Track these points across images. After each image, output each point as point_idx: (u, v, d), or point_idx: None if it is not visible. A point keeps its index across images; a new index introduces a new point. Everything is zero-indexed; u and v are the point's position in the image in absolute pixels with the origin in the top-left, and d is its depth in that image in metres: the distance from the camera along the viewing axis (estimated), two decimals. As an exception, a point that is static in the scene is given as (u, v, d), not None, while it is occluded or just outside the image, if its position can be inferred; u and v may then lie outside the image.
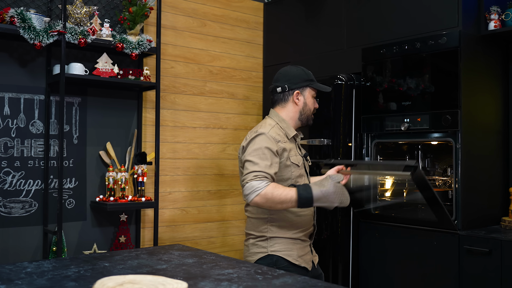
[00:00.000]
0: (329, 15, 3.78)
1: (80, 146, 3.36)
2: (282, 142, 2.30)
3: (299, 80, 2.40)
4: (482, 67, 3.07)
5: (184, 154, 3.86)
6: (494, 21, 2.99)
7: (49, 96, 3.24)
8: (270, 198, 2.14)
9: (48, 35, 2.99)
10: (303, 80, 2.40)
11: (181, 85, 3.87)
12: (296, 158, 2.35)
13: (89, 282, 1.57)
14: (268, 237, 2.32)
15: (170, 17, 3.81)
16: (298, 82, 2.39)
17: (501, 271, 2.64)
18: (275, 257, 2.29)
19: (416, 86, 3.07)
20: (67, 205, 3.29)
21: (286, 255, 2.30)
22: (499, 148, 3.17)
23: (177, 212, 3.81)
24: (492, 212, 3.10)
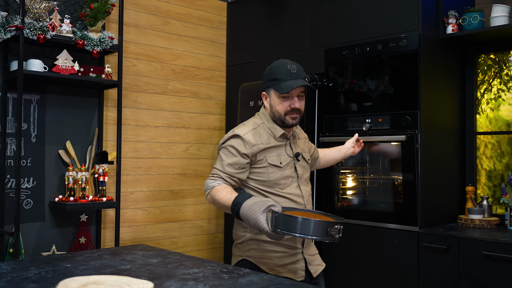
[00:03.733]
0: (292, 16, 3.81)
1: (38, 145, 3.27)
2: (264, 144, 2.19)
3: (265, 80, 2.25)
4: (441, 69, 3.16)
5: (146, 153, 3.81)
6: (452, 25, 3.08)
7: (6, 93, 3.14)
8: (214, 200, 2.10)
9: (6, 30, 2.90)
10: (267, 80, 2.23)
11: (144, 83, 3.82)
12: (276, 158, 2.21)
13: (51, 283, 1.53)
14: (245, 240, 2.22)
15: (132, 14, 3.76)
16: (264, 82, 2.26)
17: (458, 266, 2.73)
18: (249, 264, 2.19)
19: (377, 87, 3.14)
20: (24, 206, 3.19)
21: (261, 263, 2.20)
22: (456, 149, 3.27)
23: (139, 212, 3.76)
24: (449, 210, 3.19)
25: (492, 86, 3.28)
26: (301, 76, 2.17)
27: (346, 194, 3.41)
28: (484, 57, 3.31)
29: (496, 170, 3.25)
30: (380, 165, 3.21)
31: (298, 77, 2.16)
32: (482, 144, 3.31)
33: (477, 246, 2.67)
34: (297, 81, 2.14)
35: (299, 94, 2.20)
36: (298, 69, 2.18)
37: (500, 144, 3.24)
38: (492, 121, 3.28)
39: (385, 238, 3.04)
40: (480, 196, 3.23)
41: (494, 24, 2.97)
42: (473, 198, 3.13)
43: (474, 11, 3.06)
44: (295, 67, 2.18)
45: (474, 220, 2.99)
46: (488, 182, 3.28)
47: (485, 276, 2.63)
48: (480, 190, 3.31)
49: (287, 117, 2.19)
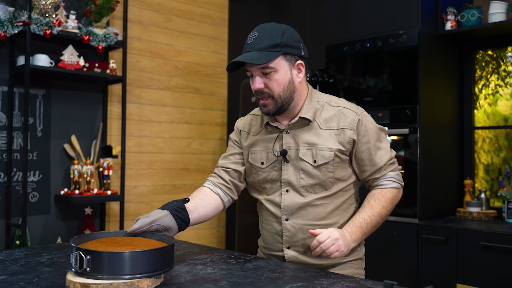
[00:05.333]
0: (293, 13, 3.87)
1: (44, 139, 3.32)
2: (251, 135, 1.85)
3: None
4: (440, 64, 3.22)
5: (149, 148, 3.87)
6: (450, 21, 3.14)
7: (13, 87, 3.19)
8: None
9: (13, 25, 2.95)
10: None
11: (147, 79, 3.87)
12: (259, 156, 1.81)
13: (64, 267, 1.58)
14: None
15: (136, 11, 3.81)
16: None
17: (457, 257, 2.79)
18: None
19: (377, 82, 3.20)
20: (30, 199, 3.25)
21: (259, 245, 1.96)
22: (454, 143, 3.33)
23: (143, 206, 3.81)
24: (448, 203, 3.26)
25: (490, 81, 3.34)
26: (255, 48, 1.62)
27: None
28: (482, 53, 3.37)
29: (494, 164, 3.31)
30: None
31: (251, 49, 1.63)
32: (480, 138, 3.37)
33: (475, 237, 2.73)
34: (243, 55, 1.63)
35: (263, 71, 1.64)
36: (257, 38, 1.63)
37: (497, 139, 3.31)
38: (490, 116, 3.34)
39: (386, 230, 3.10)
40: (478, 190, 3.30)
41: (491, 20, 3.03)
42: (471, 191, 3.19)
43: (472, 7, 3.12)
44: (255, 34, 1.64)
45: (472, 213, 3.05)
46: (486, 176, 3.35)
47: (483, 266, 2.69)
48: (478, 184, 3.37)
49: (259, 104, 1.71)
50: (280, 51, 1.62)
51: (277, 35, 1.62)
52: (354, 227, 1.67)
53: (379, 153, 1.75)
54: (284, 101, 1.68)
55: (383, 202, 1.73)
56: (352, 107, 1.75)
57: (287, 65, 1.66)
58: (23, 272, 1.50)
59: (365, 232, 1.69)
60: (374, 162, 1.75)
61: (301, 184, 1.73)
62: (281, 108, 1.69)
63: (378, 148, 1.75)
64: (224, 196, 1.86)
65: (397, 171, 1.80)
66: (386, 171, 1.76)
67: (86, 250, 1.28)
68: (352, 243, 1.65)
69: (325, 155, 1.70)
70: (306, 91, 1.76)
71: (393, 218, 3.08)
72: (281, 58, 1.64)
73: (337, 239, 1.59)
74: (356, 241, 1.67)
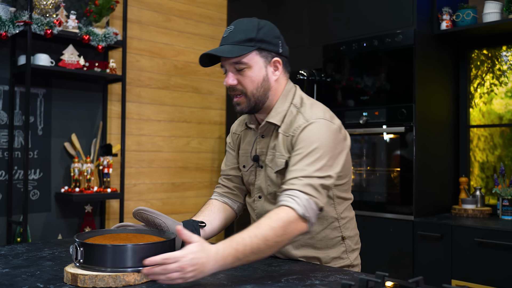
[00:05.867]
0: (291, 13, 3.91)
1: (45, 138, 3.36)
2: (236, 134, 1.83)
3: None
4: (435, 64, 3.26)
5: (149, 146, 3.91)
6: (446, 21, 3.18)
7: (14, 87, 3.23)
8: None
9: (14, 25, 2.99)
10: None
11: (146, 78, 3.91)
12: (241, 159, 1.77)
13: (66, 261, 1.62)
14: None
15: (135, 11, 3.85)
16: None
17: (452, 253, 2.84)
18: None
19: (374, 81, 3.24)
20: (31, 196, 3.29)
21: None
22: (450, 141, 3.38)
23: (142, 204, 3.85)
24: (443, 201, 3.30)
25: (485, 80, 3.38)
26: (229, 41, 1.55)
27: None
28: (477, 53, 3.41)
29: (489, 162, 3.36)
30: (376, 157, 3.31)
31: (225, 42, 1.56)
32: (475, 136, 3.41)
33: (469, 234, 2.77)
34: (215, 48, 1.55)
35: (236, 66, 1.56)
36: (232, 31, 1.57)
37: (492, 137, 3.35)
38: (485, 114, 3.38)
39: (382, 227, 3.15)
40: (473, 187, 3.34)
41: (486, 20, 3.07)
42: (466, 189, 3.23)
43: (467, 7, 3.16)
44: (231, 28, 1.58)
45: (467, 210, 3.09)
46: (481, 174, 3.39)
47: (478, 261, 2.74)
48: (473, 181, 3.41)
49: (233, 102, 1.63)
50: (254, 46, 1.54)
51: (253, 29, 1.55)
52: (229, 248, 1.31)
53: (302, 163, 1.47)
54: (258, 100, 1.58)
55: (274, 222, 1.36)
56: (310, 113, 1.57)
57: (262, 61, 1.57)
58: (25, 266, 1.54)
59: (240, 258, 1.32)
60: (289, 170, 1.50)
61: (269, 191, 1.67)
62: (255, 107, 1.60)
63: (306, 159, 1.47)
64: (233, 204, 1.83)
65: (309, 197, 1.42)
66: (293, 186, 1.44)
67: (81, 243, 1.34)
68: (212, 271, 1.30)
69: (278, 162, 1.61)
70: (281, 92, 1.64)
71: (389, 215, 3.13)
72: (255, 54, 1.56)
73: (195, 265, 1.25)
74: (221, 268, 1.31)
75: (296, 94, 1.66)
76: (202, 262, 1.26)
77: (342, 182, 1.67)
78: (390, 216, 3.12)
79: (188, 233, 1.29)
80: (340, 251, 1.72)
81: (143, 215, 1.59)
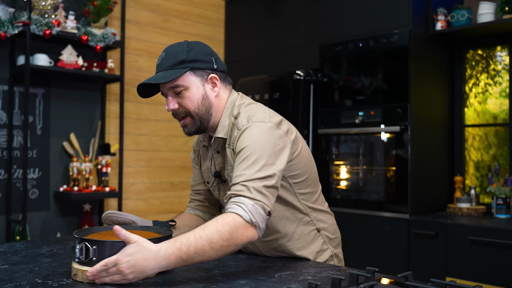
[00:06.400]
0: (288, 13, 3.94)
1: (43, 137, 3.39)
2: (197, 150, 1.84)
3: None
4: (430, 64, 3.29)
5: (147, 146, 3.94)
6: (441, 21, 3.21)
7: (13, 86, 3.26)
8: None
9: (13, 25, 3.02)
10: None
11: (144, 78, 3.94)
12: (204, 175, 1.80)
13: (64, 258, 1.65)
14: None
15: (133, 11, 3.88)
16: None
17: (446, 251, 2.87)
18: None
19: (370, 81, 3.27)
20: (30, 195, 3.32)
21: None
22: (445, 141, 3.41)
23: (140, 203, 3.88)
24: (439, 199, 3.33)
25: (480, 80, 3.41)
26: (162, 68, 1.58)
27: (340, 185, 3.54)
28: (472, 53, 3.44)
29: (484, 161, 3.39)
30: (372, 156, 3.34)
31: (158, 69, 1.59)
32: (470, 136, 3.45)
33: (463, 232, 2.80)
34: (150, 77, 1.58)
35: (173, 91, 1.58)
36: (164, 57, 1.59)
37: (487, 136, 3.38)
38: (480, 114, 3.42)
39: (378, 225, 3.18)
40: (468, 186, 3.37)
41: (481, 20, 3.10)
42: (461, 187, 3.26)
43: (462, 8, 3.19)
44: (162, 55, 1.60)
45: (462, 209, 3.13)
46: (476, 173, 3.42)
47: (471, 259, 2.77)
48: (468, 180, 3.44)
49: (180, 124, 1.65)
50: (187, 67, 1.56)
51: (182, 51, 1.57)
52: (172, 247, 1.31)
53: (241, 168, 1.47)
54: (202, 118, 1.60)
55: (220, 225, 1.35)
56: (243, 121, 1.57)
57: (198, 80, 1.58)
58: (24, 262, 1.56)
59: (183, 257, 1.31)
60: (233, 177, 1.50)
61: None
62: (201, 126, 1.61)
63: (243, 163, 1.48)
64: (204, 216, 1.87)
65: (254, 203, 1.41)
66: (238, 192, 1.43)
67: (92, 241, 1.34)
68: (155, 270, 1.31)
69: (230, 174, 1.62)
70: (224, 106, 1.65)
71: (384, 214, 3.16)
72: (189, 74, 1.57)
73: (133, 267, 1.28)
74: (164, 267, 1.32)
75: (235, 104, 1.66)
76: (141, 263, 1.28)
77: (301, 179, 1.67)
78: (385, 214, 3.15)
79: (126, 233, 1.30)
80: (320, 243, 1.75)
81: (113, 219, 1.62)
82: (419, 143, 3.14)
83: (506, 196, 3.01)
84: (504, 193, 3.01)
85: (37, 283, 1.31)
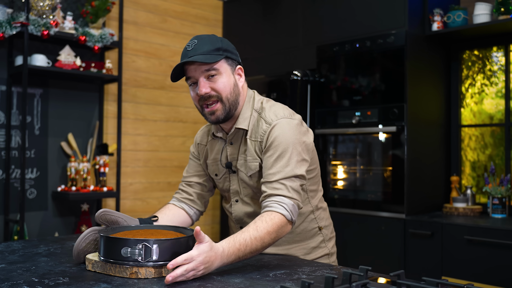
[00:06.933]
0: (285, 14, 3.95)
1: (41, 137, 3.40)
2: (202, 144, 1.88)
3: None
4: (427, 64, 3.31)
5: (145, 146, 3.95)
6: (437, 22, 3.23)
7: (11, 87, 3.27)
8: None
9: (11, 26, 3.03)
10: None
11: (142, 79, 3.95)
12: (212, 168, 1.84)
13: (61, 257, 1.66)
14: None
15: (131, 12, 3.89)
16: None
17: (442, 250, 2.88)
18: None
19: (366, 81, 3.29)
20: (28, 195, 3.33)
21: None
22: (441, 141, 3.42)
23: (138, 203, 3.89)
24: (435, 199, 3.34)
25: (476, 81, 3.43)
26: (197, 52, 1.59)
27: (337, 185, 3.56)
28: (469, 53, 3.46)
29: (480, 161, 3.40)
30: (369, 157, 3.35)
31: (193, 53, 1.59)
32: (467, 136, 3.46)
33: (459, 231, 2.82)
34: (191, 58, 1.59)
35: (207, 74, 1.61)
36: (197, 44, 1.61)
37: (483, 136, 3.40)
38: (476, 114, 3.43)
39: (374, 225, 3.19)
40: (464, 186, 3.39)
41: (476, 21, 3.12)
42: (457, 187, 3.28)
43: (458, 9, 3.20)
44: (195, 42, 1.62)
45: (458, 208, 3.14)
46: (472, 173, 3.44)
47: (467, 258, 2.78)
48: (464, 180, 3.46)
49: (205, 112, 1.67)
50: (223, 54, 1.63)
51: (217, 40, 1.63)
52: (233, 247, 1.44)
53: (277, 165, 1.59)
54: (231, 105, 1.66)
55: (270, 226, 1.51)
56: (270, 116, 1.67)
57: (229, 69, 1.65)
58: (21, 262, 1.57)
59: (240, 256, 1.46)
60: (267, 174, 1.61)
61: (244, 193, 1.77)
62: (229, 113, 1.66)
63: (279, 160, 1.60)
64: (189, 210, 1.89)
65: (293, 202, 1.57)
66: (278, 191, 1.57)
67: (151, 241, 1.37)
68: (217, 267, 1.43)
69: (251, 166, 1.69)
70: (245, 98, 1.73)
71: (381, 214, 3.17)
72: (223, 62, 1.63)
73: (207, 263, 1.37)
74: (224, 264, 1.44)
75: (255, 99, 1.74)
76: (212, 260, 1.38)
77: (312, 175, 1.77)
78: (382, 214, 3.17)
79: (202, 233, 1.39)
80: (318, 241, 1.84)
81: (106, 217, 1.64)
82: (415, 143, 3.16)
83: (502, 196, 3.02)
84: (500, 193, 3.03)
85: (33, 282, 1.32)
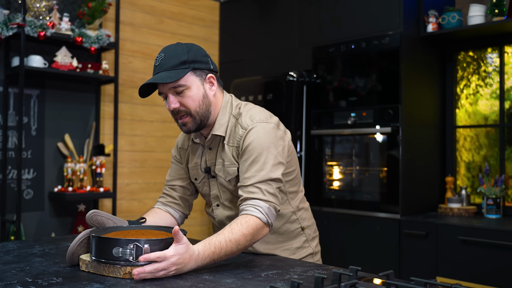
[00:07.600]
0: (281, 15, 3.97)
1: (38, 138, 3.41)
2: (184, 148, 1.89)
3: None
4: (422, 66, 3.32)
5: (141, 147, 3.96)
6: (432, 23, 3.24)
7: (7, 88, 3.28)
8: None
9: (8, 27, 3.04)
10: None
11: (139, 79, 3.96)
12: (192, 172, 1.86)
13: (55, 257, 1.67)
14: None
15: (128, 13, 3.91)
16: None
17: (436, 251, 2.90)
18: None
19: (362, 82, 3.30)
20: (25, 196, 3.34)
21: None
22: (436, 141, 3.44)
23: (135, 203, 3.91)
24: (430, 200, 3.36)
25: (471, 82, 3.45)
26: (163, 68, 1.62)
27: (333, 185, 3.57)
28: (464, 54, 3.48)
29: (475, 161, 3.42)
30: (365, 157, 3.37)
31: (159, 70, 1.63)
32: (462, 137, 3.48)
33: (453, 232, 2.83)
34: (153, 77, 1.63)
35: (175, 90, 1.63)
36: (163, 58, 1.63)
37: (478, 137, 3.42)
38: (471, 115, 3.45)
39: (369, 225, 3.21)
40: (459, 186, 3.40)
41: (471, 23, 3.13)
42: (452, 188, 3.29)
43: (453, 10, 3.22)
44: (161, 55, 1.64)
45: (453, 209, 3.16)
46: (467, 173, 3.45)
47: (461, 259, 2.80)
48: (459, 181, 3.48)
49: (178, 124, 1.70)
50: (189, 67, 1.63)
51: (183, 52, 1.63)
52: (208, 250, 1.47)
53: (252, 169, 1.62)
54: (202, 117, 1.67)
55: (245, 229, 1.53)
56: (246, 121, 1.68)
57: (198, 80, 1.65)
58: (16, 262, 1.59)
59: (215, 259, 1.49)
60: (243, 178, 1.63)
61: (224, 198, 1.79)
62: (201, 124, 1.69)
63: (254, 165, 1.62)
64: (175, 213, 1.92)
65: (269, 205, 1.59)
66: (253, 195, 1.59)
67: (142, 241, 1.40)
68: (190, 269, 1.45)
69: (229, 171, 1.71)
70: (220, 104, 1.74)
71: (376, 214, 3.19)
72: (190, 74, 1.64)
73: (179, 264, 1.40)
74: (198, 266, 1.46)
75: (233, 104, 1.76)
76: (186, 262, 1.41)
77: (291, 177, 1.79)
78: (377, 214, 3.18)
79: (180, 233, 1.41)
80: (301, 241, 1.87)
81: (97, 218, 1.65)
82: (410, 144, 3.17)
83: (497, 197, 3.04)
84: (495, 193, 3.05)
85: (27, 282, 1.33)
